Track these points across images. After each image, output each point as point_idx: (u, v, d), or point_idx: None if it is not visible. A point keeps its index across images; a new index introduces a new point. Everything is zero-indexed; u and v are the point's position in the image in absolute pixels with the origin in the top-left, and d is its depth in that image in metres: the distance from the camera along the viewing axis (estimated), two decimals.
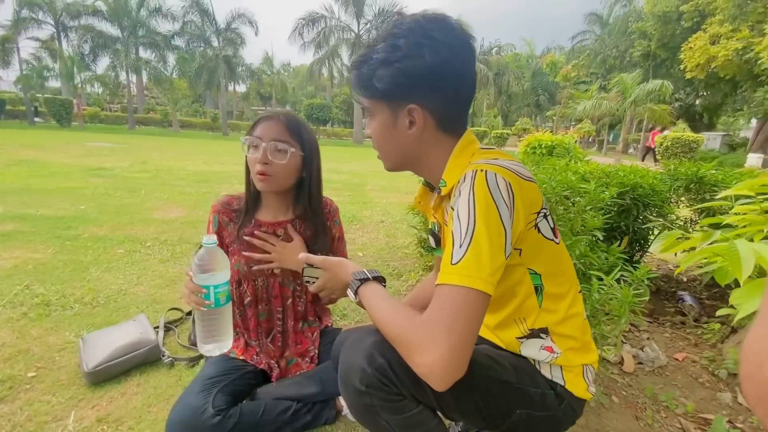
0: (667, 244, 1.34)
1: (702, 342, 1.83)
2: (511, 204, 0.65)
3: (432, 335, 0.60)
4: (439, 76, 0.72)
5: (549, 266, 0.78)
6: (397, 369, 0.68)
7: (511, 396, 0.78)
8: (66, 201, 4.02)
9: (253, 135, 1.07)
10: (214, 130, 30.51)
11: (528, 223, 0.71)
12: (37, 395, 1.27)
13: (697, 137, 13.74)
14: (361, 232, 3.60)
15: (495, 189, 0.64)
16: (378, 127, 0.80)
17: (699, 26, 16.50)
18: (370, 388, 0.68)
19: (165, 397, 1.30)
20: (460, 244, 0.63)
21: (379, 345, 0.70)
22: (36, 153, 8.20)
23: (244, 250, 1.16)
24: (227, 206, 1.18)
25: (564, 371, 0.83)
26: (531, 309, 0.79)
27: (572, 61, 28.89)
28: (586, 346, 0.85)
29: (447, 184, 0.77)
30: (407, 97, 0.74)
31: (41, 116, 25.43)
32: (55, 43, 24.00)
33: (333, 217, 1.28)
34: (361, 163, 11.63)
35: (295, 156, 1.09)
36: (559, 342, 0.80)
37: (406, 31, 0.72)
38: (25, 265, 2.31)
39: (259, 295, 1.19)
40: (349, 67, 0.82)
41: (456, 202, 0.68)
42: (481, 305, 0.61)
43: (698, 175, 2.21)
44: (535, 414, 0.79)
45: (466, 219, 0.64)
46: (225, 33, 26.45)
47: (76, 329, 1.67)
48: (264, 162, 1.05)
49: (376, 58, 0.73)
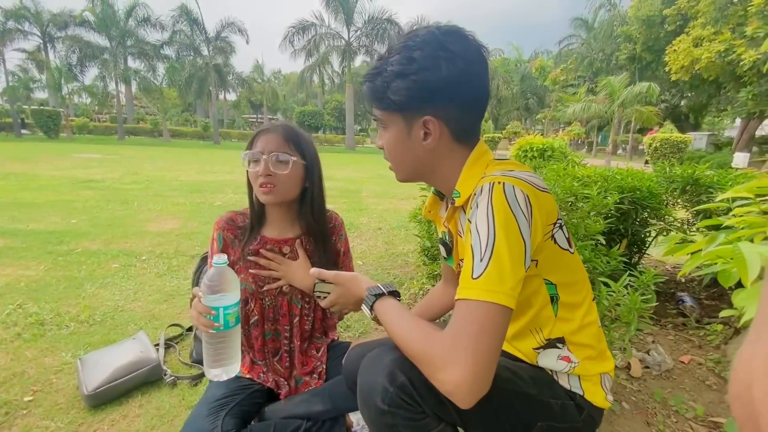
0: (670, 247, 1.34)
1: (706, 344, 1.84)
2: (529, 216, 0.65)
3: (457, 352, 0.59)
4: (456, 88, 0.72)
5: (564, 276, 0.77)
6: (419, 387, 0.67)
7: (533, 408, 0.77)
8: (57, 215, 3.94)
9: (253, 150, 1.06)
10: (206, 138, 30.33)
11: (545, 234, 0.71)
12: (34, 421, 1.23)
13: (685, 138, 14.00)
14: (359, 239, 3.58)
15: (513, 201, 0.64)
16: (392, 138, 0.79)
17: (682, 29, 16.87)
18: (393, 407, 0.66)
19: (168, 419, 1.27)
20: (480, 258, 0.62)
21: (399, 362, 0.68)
22: (24, 166, 8.06)
23: (250, 268, 1.13)
24: (231, 223, 1.15)
25: (582, 381, 0.82)
26: (547, 319, 0.79)
27: (560, 65, 29.36)
28: (602, 354, 0.85)
29: (461, 194, 0.77)
30: (423, 109, 0.73)
31: (28, 128, 25.06)
32: (42, 54, 23.76)
33: (339, 231, 1.26)
34: (355, 169, 11.63)
35: (297, 165, 1.07)
36: (576, 351, 0.80)
37: (421, 43, 0.71)
38: (17, 283, 2.25)
39: (266, 314, 1.16)
40: (362, 79, 0.81)
41: (473, 214, 0.67)
42: (504, 320, 0.60)
43: (694, 177, 2.23)
44: (556, 426, 0.79)
45: (486, 232, 0.63)
46: (215, 42, 26.40)
47: (73, 349, 1.62)
48: (267, 174, 1.03)
49: (390, 71, 0.73)
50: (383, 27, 23.96)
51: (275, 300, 1.16)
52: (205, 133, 31.10)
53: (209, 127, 29.85)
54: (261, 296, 1.15)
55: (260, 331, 1.17)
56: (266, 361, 1.20)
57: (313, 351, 1.28)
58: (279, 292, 1.16)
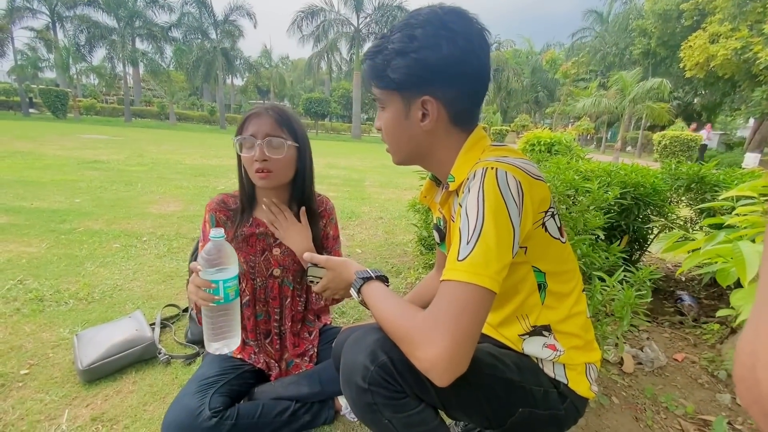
0: (670, 244, 1.33)
1: (701, 342, 1.83)
2: (520, 202, 0.65)
3: (436, 330, 0.59)
4: (456, 69, 0.71)
5: (553, 265, 0.77)
6: (400, 367, 0.68)
7: (514, 394, 0.77)
8: (61, 194, 3.97)
9: (245, 134, 1.04)
10: (212, 123, 30.31)
11: (535, 222, 0.71)
12: (29, 393, 1.25)
13: (696, 136, 13.76)
14: (359, 228, 3.58)
15: (505, 187, 0.64)
16: (390, 118, 0.78)
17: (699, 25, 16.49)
18: (373, 386, 0.67)
19: (161, 396, 1.28)
20: (467, 241, 0.62)
21: (382, 343, 0.69)
22: (30, 145, 8.11)
23: (242, 250, 1.13)
24: (223, 205, 1.15)
25: (567, 369, 0.83)
26: (533, 306, 0.79)
27: (572, 58, 28.83)
28: (589, 344, 0.85)
29: (456, 179, 0.76)
30: (422, 89, 0.72)
31: (36, 107, 25.16)
32: (50, 33, 23.70)
33: (330, 214, 1.25)
34: (360, 158, 11.60)
35: (291, 148, 1.07)
36: (562, 340, 0.80)
37: (423, 21, 0.70)
38: (18, 259, 2.27)
39: (257, 296, 1.17)
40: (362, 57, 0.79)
41: (465, 198, 0.67)
42: (486, 302, 0.61)
43: (699, 175, 2.20)
44: (537, 412, 0.79)
45: (475, 216, 0.63)
46: (223, 25, 26.18)
47: (71, 325, 1.65)
48: (262, 159, 1.02)
49: (391, 48, 0.72)
50: (393, 14, 23.59)
51: (266, 281, 1.17)
52: (212, 117, 31.05)
53: (216, 112, 29.78)
54: (252, 277, 1.16)
55: (252, 311, 1.17)
56: (258, 342, 1.21)
57: (305, 334, 1.29)
58: (270, 275, 1.16)
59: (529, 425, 0.80)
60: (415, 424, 0.71)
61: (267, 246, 1.16)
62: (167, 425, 0.96)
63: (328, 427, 1.20)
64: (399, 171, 8.71)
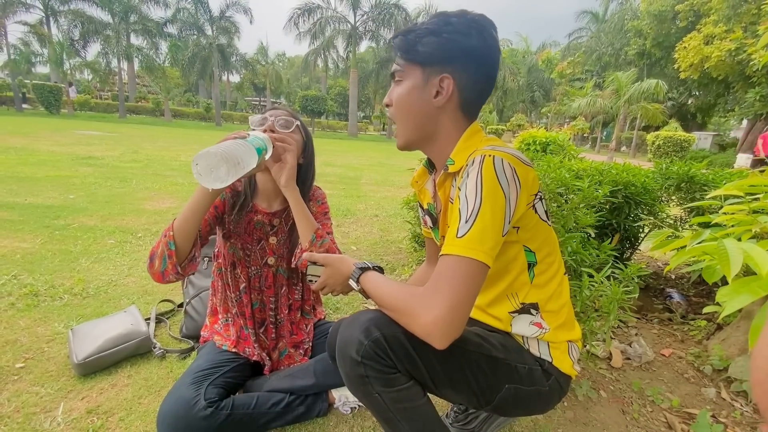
0: (658, 242, 1.36)
1: (688, 338, 1.87)
2: (515, 186, 0.71)
3: (435, 297, 0.66)
4: (478, 59, 0.79)
5: (542, 245, 0.83)
6: (392, 342, 0.72)
7: (500, 371, 0.81)
8: (55, 190, 3.95)
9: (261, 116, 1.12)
10: (207, 120, 30.11)
11: (527, 204, 0.77)
12: (25, 386, 1.26)
13: (689, 137, 13.92)
14: (355, 225, 3.59)
15: (501, 172, 0.70)
16: (405, 90, 0.82)
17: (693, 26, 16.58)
18: (366, 359, 0.71)
19: (156, 389, 1.30)
20: (466, 220, 0.69)
21: (375, 321, 0.74)
22: (24, 140, 8.03)
23: (240, 236, 1.16)
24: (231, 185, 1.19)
25: (551, 348, 0.88)
26: (522, 284, 0.85)
27: (568, 58, 28.95)
28: (571, 323, 0.92)
29: (455, 162, 0.82)
30: (444, 66, 0.79)
31: (29, 103, 24.87)
32: (44, 27, 23.41)
33: (316, 198, 1.28)
34: (356, 156, 11.59)
35: (298, 132, 1.13)
36: (547, 319, 0.86)
37: (458, 14, 0.79)
38: (12, 255, 2.27)
39: (252, 284, 1.19)
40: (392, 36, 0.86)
41: (463, 183, 0.73)
42: (480, 275, 0.67)
43: (689, 175, 2.23)
44: (523, 389, 0.83)
45: (473, 198, 0.69)
46: (219, 21, 25.98)
47: (66, 320, 1.65)
48: (271, 130, 1.07)
49: (425, 28, 0.79)
50: (390, 12, 23.57)
51: (260, 270, 1.19)
52: (207, 114, 30.85)
53: (211, 109, 29.59)
54: (248, 264, 1.18)
55: (248, 298, 1.20)
56: (254, 331, 1.23)
57: (302, 325, 1.31)
58: (264, 263, 1.19)
59: (516, 401, 0.84)
60: (403, 400, 0.75)
61: (263, 235, 1.18)
62: (163, 416, 0.97)
63: (322, 419, 1.22)
64: (395, 169, 8.72)
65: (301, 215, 1.09)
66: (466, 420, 1.14)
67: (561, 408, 1.34)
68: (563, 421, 1.28)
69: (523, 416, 1.26)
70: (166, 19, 25.71)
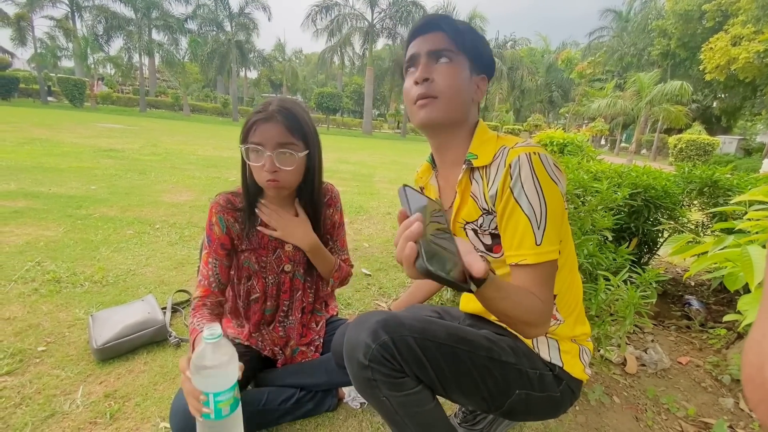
0: (678, 247, 1.32)
1: (707, 347, 1.82)
2: (563, 178, 0.75)
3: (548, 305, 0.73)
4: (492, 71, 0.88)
5: (564, 233, 0.83)
6: (401, 346, 0.71)
7: (510, 375, 0.80)
8: (77, 181, 4.07)
9: (253, 142, 0.98)
10: (225, 115, 30.58)
11: None
12: (46, 369, 1.30)
13: (713, 140, 13.49)
14: (367, 223, 3.60)
15: (550, 168, 0.73)
16: (456, 72, 0.80)
17: (721, 26, 16.07)
18: (373, 363, 0.70)
19: (171, 377, 1.33)
20: (538, 226, 0.72)
21: (383, 324, 0.72)
22: (49, 132, 8.29)
23: (255, 252, 1.14)
24: (230, 205, 1.11)
25: (561, 353, 0.86)
26: None
27: (588, 57, 28.35)
28: (582, 316, 0.92)
29: (479, 157, 0.82)
30: (483, 69, 0.85)
31: (54, 96, 25.63)
32: (70, 22, 24.07)
33: (335, 202, 1.24)
34: (370, 154, 11.61)
35: (302, 157, 1.04)
36: (562, 310, 0.86)
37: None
38: (36, 242, 2.35)
39: (269, 292, 1.18)
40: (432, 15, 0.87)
41: (516, 183, 0.73)
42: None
43: (713, 179, 2.17)
44: (534, 394, 0.82)
45: (537, 201, 0.72)
46: (238, 18, 26.33)
47: (86, 306, 1.70)
48: (273, 170, 0.99)
49: (467, 27, 0.83)
50: (408, 9, 23.49)
51: (278, 277, 1.17)
52: (225, 109, 31.32)
53: (228, 104, 30.03)
54: (264, 275, 1.16)
55: (260, 306, 1.19)
56: (262, 330, 1.23)
57: (312, 324, 1.31)
58: (281, 271, 1.17)
59: (527, 407, 0.83)
60: (411, 404, 0.74)
61: (279, 244, 1.15)
62: (175, 410, 0.96)
63: (332, 413, 1.23)
64: (408, 167, 8.70)
65: (319, 260, 1.18)
66: (474, 421, 1.13)
67: (573, 412, 1.32)
68: (574, 425, 1.27)
69: (534, 421, 1.24)
70: (186, 15, 26.17)
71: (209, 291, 1.09)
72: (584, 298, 1.23)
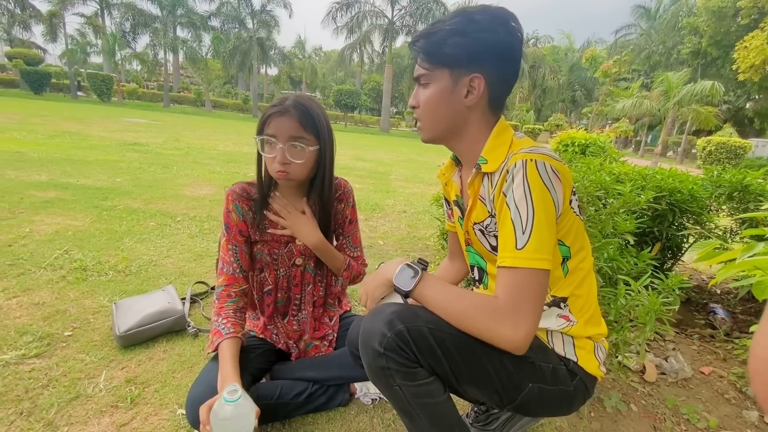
0: (704, 253, 1.27)
1: (732, 357, 1.75)
2: (560, 186, 0.73)
3: (518, 312, 0.69)
4: (506, 53, 0.79)
5: (575, 239, 0.82)
6: (416, 336, 0.72)
7: (524, 369, 0.79)
8: (104, 173, 4.21)
9: (267, 134, 1.02)
10: (245, 111, 31.07)
11: (567, 201, 0.77)
12: (72, 353, 1.36)
13: (745, 143, 12.94)
14: (383, 220, 3.61)
15: (545, 175, 0.71)
16: (433, 94, 0.82)
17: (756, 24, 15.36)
18: (388, 351, 0.71)
19: (189, 365, 1.36)
20: (522, 231, 0.70)
21: (399, 314, 0.74)
22: (77, 126, 8.60)
23: (267, 244, 1.16)
24: (246, 194, 1.15)
25: (576, 348, 0.86)
26: (556, 279, 0.83)
27: (614, 56, 27.54)
28: (597, 318, 0.90)
29: (488, 162, 0.81)
30: (473, 67, 0.78)
31: (83, 90, 26.56)
32: (99, 19, 24.87)
33: (347, 198, 1.24)
34: (387, 152, 11.60)
35: (313, 151, 1.06)
36: (575, 312, 0.85)
37: (481, 10, 0.78)
38: (65, 231, 2.44)
39: (280, 285, 1.20)
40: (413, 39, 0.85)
41: (509, 188, 0.73)
42: (546, 281, 0.72)
43: (743, 183, 2.08)
44: (547, 388, 0.81)
45: (525, 207, 0.71)
46: (260, 15, 26.69)
47: (110, 294, 1.76)
48: (283, 162, 1.02)
49: (448, 29, 0.78)
50: (428, 7, 23.31)
51: (289, 270, 1.19)
52: (245, 105, 31.82)
53: (249, 101, 30.49)
54: (276, 268, 1.18)
55: (273, 299, 1.21)
56: (276, 323, 1.25)
57: (326, 319, 1.33)
58: (293, 264, 1.19)
59: (540, 401, 0.82)
60: (423, 394, 0.74)
61: (290, 238, 1.17)
62: (191, 401, 0.99)
63: (343, 408, 1.24)
64: (425, 166, 8.66)
65: (326, 257, 1.19)
66: (487, 421, 1.12)
67: (588, 418, 1.29)
68: (589, 431, 1.24)
69: (547, 417, 1.22)
70: (210, 12, 26.70)
71: (232, 279, 1.12)
72: (603, 303, 1.20)
